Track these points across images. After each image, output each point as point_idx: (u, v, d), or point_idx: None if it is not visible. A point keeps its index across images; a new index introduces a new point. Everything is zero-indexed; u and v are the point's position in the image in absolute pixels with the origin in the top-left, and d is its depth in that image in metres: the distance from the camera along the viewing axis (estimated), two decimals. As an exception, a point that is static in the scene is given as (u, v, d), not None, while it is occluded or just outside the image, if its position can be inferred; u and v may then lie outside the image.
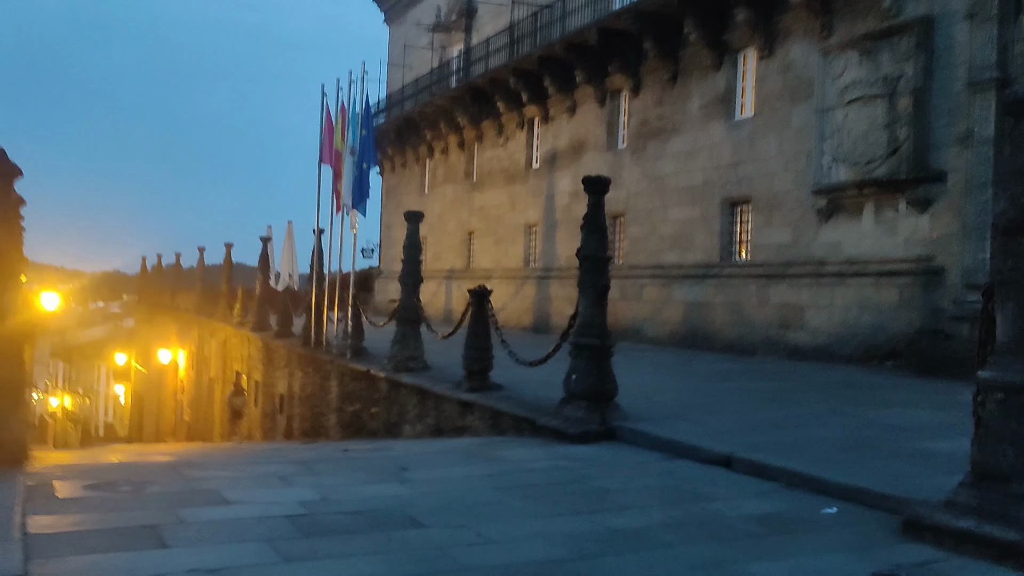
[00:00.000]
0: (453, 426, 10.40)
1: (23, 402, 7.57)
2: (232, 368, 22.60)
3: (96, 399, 52.17)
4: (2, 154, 6.18)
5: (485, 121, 26.63)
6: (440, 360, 13.08)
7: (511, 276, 25.03)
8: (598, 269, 8.39)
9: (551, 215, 23.49)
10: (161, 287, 35.49)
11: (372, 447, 8.84)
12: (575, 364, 8.32)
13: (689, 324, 18.11)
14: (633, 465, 6.95)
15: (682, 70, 18.86)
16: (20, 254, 11.85)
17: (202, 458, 7.53)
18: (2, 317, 6.08)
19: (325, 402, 15.14)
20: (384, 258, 35.04)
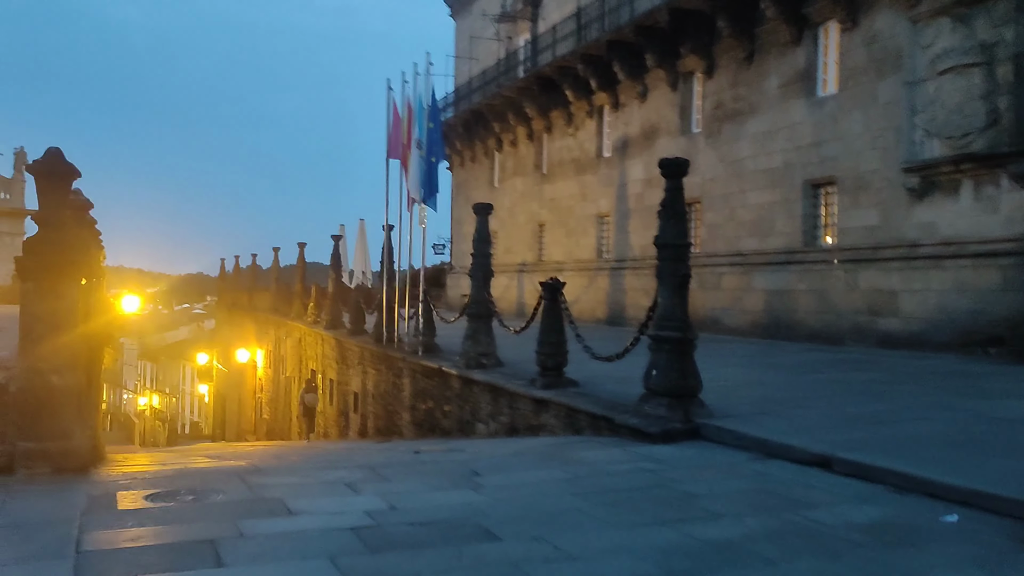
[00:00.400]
0: (527, 424, 10.02)
1: (90, 408, 7.48)
2: (307, 367, 22.72)
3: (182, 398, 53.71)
4: (59, 155, 6.04)
5: (554, 111, 26.15)
6: (513, 356, 12.73)
7: (583, 268, 24.54)
8: (678, 257, 7.90)
9: (623, 204, 22.90)
10: (239, 288, 36.14)
11: (444, 448, 8.53)
12: (655, 358, 7.84)
13: (771, 313, 17.34)
14: (721, 467, 6.45)
15: (759, 48, 18.05)
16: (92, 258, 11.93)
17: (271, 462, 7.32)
18: (59, 325, 5.93)
19: (398, 400, 14.96)
20: (455, 253, 34.93)
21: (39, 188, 6.01)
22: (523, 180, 28.77)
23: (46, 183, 6.00)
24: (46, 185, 6.00)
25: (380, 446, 12.28)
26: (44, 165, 5.98)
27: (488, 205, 12.58)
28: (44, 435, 5.83)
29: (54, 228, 6.02)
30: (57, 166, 6.01)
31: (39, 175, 5.98)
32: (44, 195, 6.02)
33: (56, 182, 6.03)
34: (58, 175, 6.03)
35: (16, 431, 5.78)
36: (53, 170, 6.00)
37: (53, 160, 6.01)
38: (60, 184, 6.07)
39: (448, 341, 14.83)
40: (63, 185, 6.09)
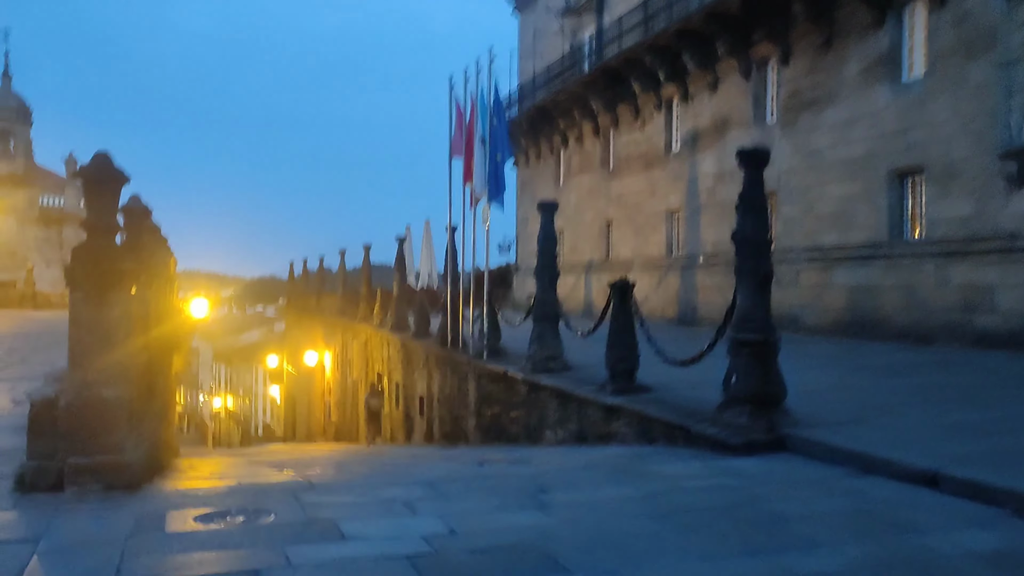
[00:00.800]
0: (598, 433, 9.54)
1: (150, 419, 7.29)
2: (374, 369, 22.62)
3: (255, 400, 54.65)
4: (107, 159, 5.82)
5: (620, 105, 25.54)
6: (581, 359, 12.25)
7: (653, 266, 23.87)
8: (758, 253, 7.33)
9: (694, 199, 22.16)
10: (307, 291, 36.46)
11: (510, 459, 8.12)
12: (735, 363, 7.29)
13: (854, 310, 16.45)
14: (812, 484, 5.87)
15: (837, 32, 17.16)
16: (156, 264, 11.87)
17: (330, 473, 7.02)
18: (109, 336, 5.70)
19: (463, 405, 14.62)
20: (521, 253, 34.56)
21: (86, 194, 5.80)
22: (589, 177, 28.21)
23: (94, 189, 5.78)
24: (94, 191, 5.78)
25: (444, 453, 11.95)
26: (92, 170, 5.76)
27: (553, 203, 12.14)
28: (94, 450, 5.61)
29: (103, 235, 5.80)
30: (105, 171, 5.79)
31: (87, 181, 5.76)
32: (92, 201, 5.80)
33: (104, 187, 5.81)
34: (106, 180, 5.81)
35: (66, 446, 5.57)
36: (101, 175, 5.78)
37: (101, 165, 5.79)
38: (108, 189, 5.84)
39: (514, 343, 14.43)
40: (112, 190, 5.86)
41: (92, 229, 5.77)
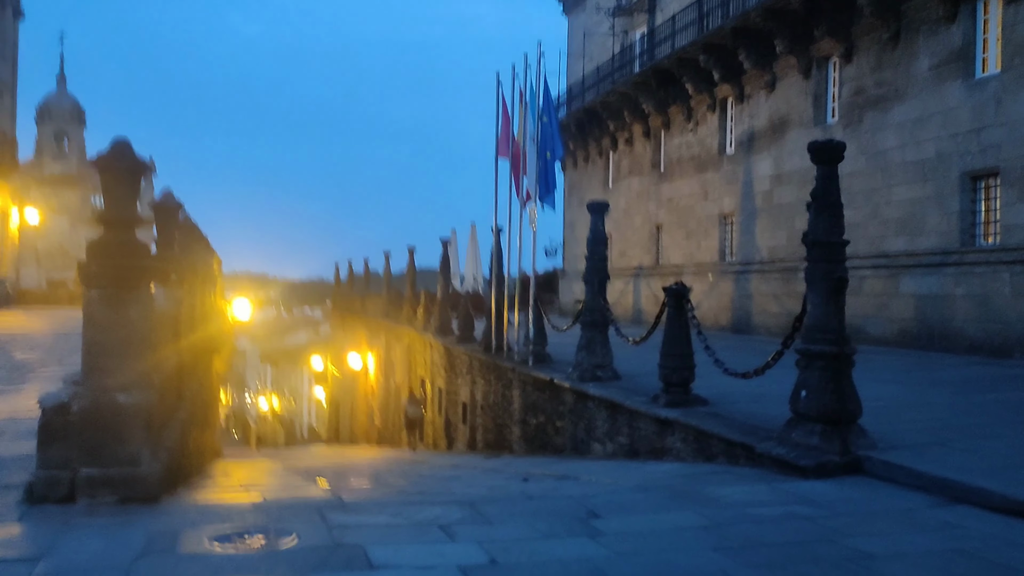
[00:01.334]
0: (650, 447, 8.93)
1: (172, 426, 6.90)
2: (416, 374, 22.23)
3: (300, 401, 54.85)
4: (126, 147, 5.41)
5: (672, 106, 24.82)
6: (632, 368, 11.65)
7: (705, 271, 23.10)
8: (831, 257, 6.65)
9: (749, 203, 21.36)
10: (352, 293, 36.33)
11: (556, 474, 7.57)
12: (805, 377, 6.63)
13: (922, 321, 15.55)
14: (897, 515, 5.22)
15: (906, 27, 16.29)
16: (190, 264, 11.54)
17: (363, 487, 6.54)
18: (127, 337, 5.28)
19: (507, 413, 14.09)
20: (568, 257, 33.95)
21: (104, 184, 5.39)
22: (639, 180, 27.51)
23: (112, 178, 5.38)
24: (112, 181, 5.38)
25: (487, 464, 11.45)
26: (109, 159, 5.36)
27: (603, 203, 11.57)
28: (109, 460, 5.20)
29: (120, 228, 5.39)
30: (124, 160, 5.38)
31: (104, 170, 5.36)
32: (109, 191, 5.40)
33: (122, 177, 5.40)
34: (126, 170, 5.40)
35: (78, 456, 5.17)
36: (118, 164, 5.37)
37: (120, 153, 5.38)
38: (127, 179, 5.43)
39: (560, 350, 13.87)
40: (130, 180, 5.45)
41: (109, 222, 5.37)
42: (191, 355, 10.26)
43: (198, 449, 12.73)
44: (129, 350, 5.32)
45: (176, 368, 7.99)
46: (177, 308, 8.28)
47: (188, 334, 10.38)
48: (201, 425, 13.32)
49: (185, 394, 8.54)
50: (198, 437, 12.59)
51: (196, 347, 11.10)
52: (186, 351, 9.25)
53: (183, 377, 8.49)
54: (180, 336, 8.44)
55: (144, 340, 5.41)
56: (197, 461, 10.99)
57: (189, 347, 10.19)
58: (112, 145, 5.40)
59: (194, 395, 9.99)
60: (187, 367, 9.57)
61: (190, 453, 9.21)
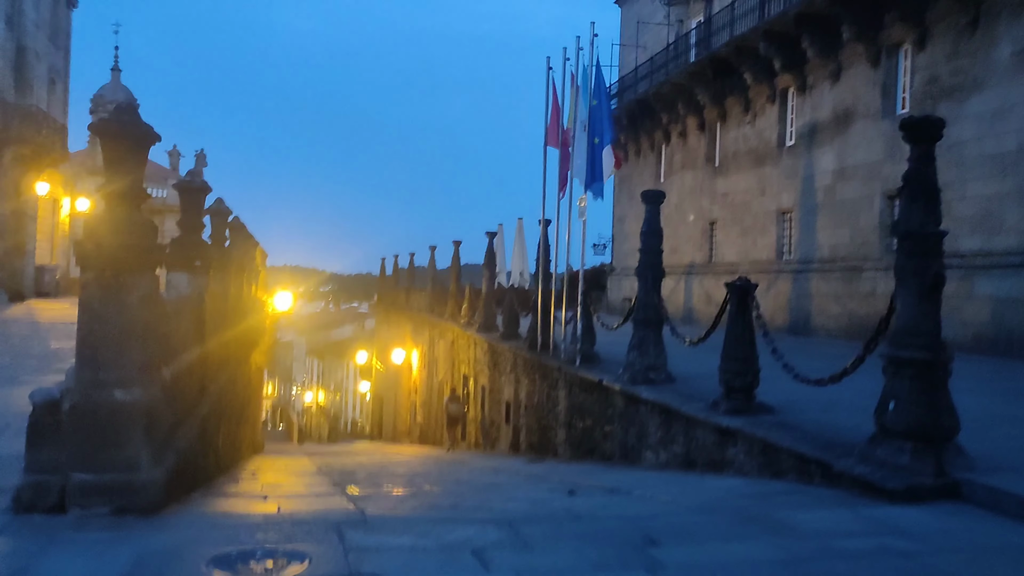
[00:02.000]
0: (708, 458, 8.16)
1: (187, 426, 6.33)
2: (459, 371, 21.63)
3: (345, 395, 54.81)
4: (132, 112, 4.84)
5: (729, 97, 23.83)
6: (687, 370, 10.85)
7: (760, 270, 22.09)
8: (927, 250, 5.83)
9: (809, 199, 20.32)
10: (397, 287, 35.92)
11: (605, 487, 6.85)
12: (894, 386, 5.83)
13: (1000, 325, 14.45)
14: (1011, 552, 4.43)
15: (985, 11, 15.16)
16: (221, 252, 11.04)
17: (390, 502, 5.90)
18: (126, 325, 4.70)
19: (552, 414, 13.39)
20: (616, 253, 33.09)
21: (105, 153, 4.83)
22: (692, 174, 26.55)
23: (114, 147, 4.80)
24: (114, 149, 4.81)
25: (530, 471, 10.75)
26: (112, 125, 4.79)
27: (659, 192, 10.78)
28: (103, 465, 4.63)
29: (123, 204, 4.82)
30: (130, 126, 4.81)
31: (106, 137, 4.79)
32: (112, 163, 4.83)
33: (127, 146, 4.82)
34: (131, 137, 4.82)
35: (70, 459, 4.61)
36: (124, 131, 4.80)
37: (124, 118, 4.81)
38: (132, 149, 4.85)
39: (609, 350, 13.12)
40: (135, 149, 4.87)
41: (111, 197, 4.80)
42: (222, 347, 9.75)
43: (231, 445, 12.26)
44: (129, 341, 4.74)
45: (199, 361, 7.46)
46: (201, 296, 7.74)
47: (219, 325, 9.88)
48: (235, 420, 12.85)
49: (210, 388, 8.00)
50: (232, 432, 12.12)
51: (229, 338, 10.60)
52: (214, 342, 8.73)
53: (208, 370, 7.95)
54: (206, 326, 7.90)
55: (147, 330, 4.83)
56: (228, 458, 10.50)
57: (219, 338, 9.68)
58: (116, 110, 4.84)
59: (224, 389, 9.48)
60: (216, 359, 9.06)
61: (216, 451, 8.69)
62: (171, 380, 5.77)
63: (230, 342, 11.12)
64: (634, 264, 10.75)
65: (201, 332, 7.72)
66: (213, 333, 8.93)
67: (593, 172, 12.29)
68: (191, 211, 7.81)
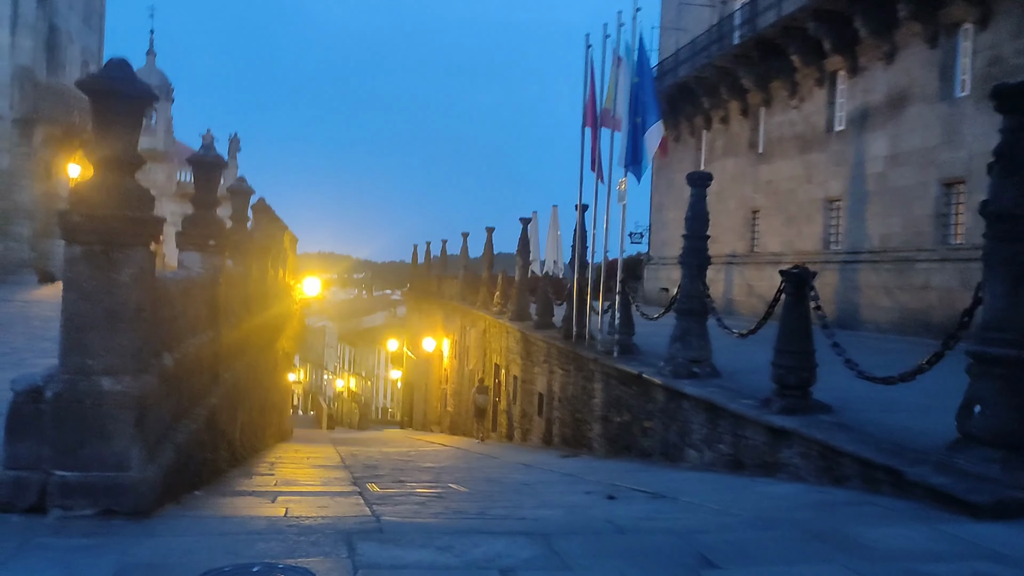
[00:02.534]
0: (759, 460, 7.52)
1: (191, 417, 5.84)
2: (491, 360, 21.10)
3: (376, 382, 54.66)
4: (124, 68, 4.31)
5: (775, 80, 22.92)
6: (732, 364, 10.21)
7: (805, 260, 21.21)
8: (1021, 233, 5.13)
9: (859, 186, 19.42)
10: (429, 275, 35.49)
11: (648, 491, 6.25)
12: (979, 388, 5.16)
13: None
14: None
15: (1056, -15, 14.21)
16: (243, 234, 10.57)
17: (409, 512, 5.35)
18: (117, 307, 4.20)
19: (588, 407, 12.79)
20: (654, 243, 32.29)
21: (94, 115, 4.31)
22: (734, 161, 25.68)
23: (105, 107, 4.28)
24: (105, 110, 4.29)
25: (564, 467, 10.18)
26: (104, 82, 4.27)
27: (706, 174, 10.15)
28: (88, 462, 4.14)
29: (116, 171, 4.30)
30: (121, 83, 4.28)
31: (96, 96, 4.27)
32: (103, 125, 4.31)
33: (120, 106, 4.30)
34: (123, 97, 4.30)
35: (52, 454, 4.12)
36: (116, 90, 4.27)
37: (115, 75, 4.28)
38: (126, 109, 4.33)
39: (647, 341, 12.49)
40: (129, 111, 4.35)
41: (102, 163, 4.28)
42: (241, 331, 9.29)
43: (253, 434, 11.83)
44: (120, 324, 4.23)
45: (211, 346, 6.97)
46: (215, 277, 7.26)
47: (238, 308, 9.41)
48: (257, 408, 12.43)
49: (224, 376, 7.52)
50: (253, 421, 11.69)
51: (251, 323, 10.13)
52: (230, 326, 8.25)
53: (222, 356, 7.47)
54: (220, 310, 7.42)
55: (141, 311, 4.31)
56: (247, 448, 10.06)
57: (238, 322, 9.22)
58: (106, 66, 4.31)
59: (241, 376, 9.02)
60: (233, 345, 8.60)
61: (231, 442, 8.23)
62: (174, 367, 5.27)
63: (252, 327, 10.67)
64: (672, 253, 10.18)
65: (214, 315, 7.23)
66: (230, 317, 8.45)
67: (634, 153, 11.64)
68: (205, 187, 7.31)
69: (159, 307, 4.97)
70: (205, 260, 7.21)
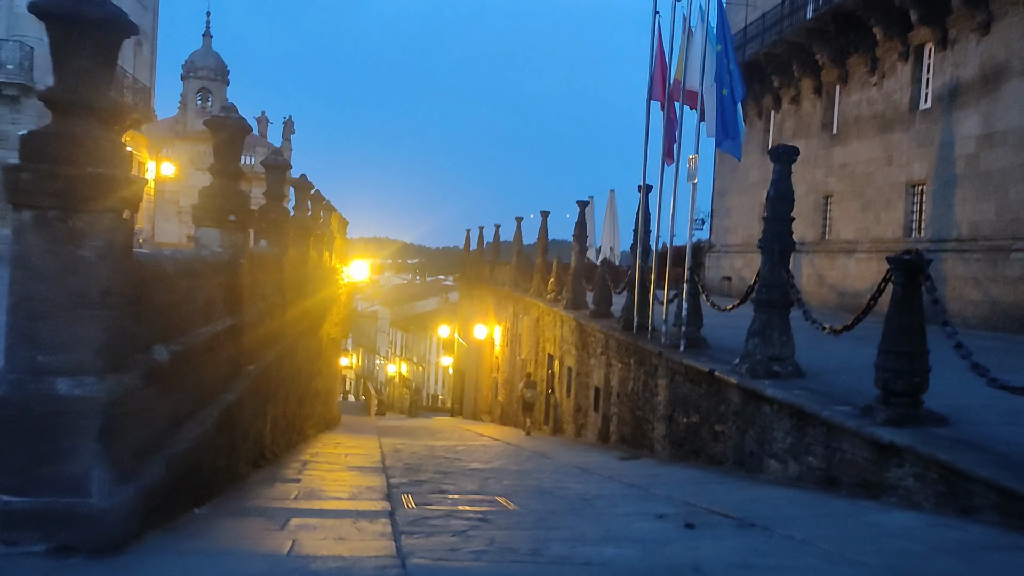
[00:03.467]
0: (859, 479, 6.42)
1: (199, 419, 4.99)
2: (544, 350, 20.12)
3: (427, 368, 54.18)
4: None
5: (853, 56, 21.38)
6: (816, 362, 9.09)
7: (883, 249, 19.73)
8: None
9: (946, 169, 17.89)
10: (481, 261, 34.63)
11: (733, 519, 5.21)
12: None
13: None
14: None
15: None
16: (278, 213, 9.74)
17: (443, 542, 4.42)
18: (80, 288, 3.34)
19: (650, 405, 11.74)
20: (716, 229, 30.87)
21: (51, 46, 3.43)
22: (806, 143, 24.15)
23: (63, 35, 3.40)
24: (63, 39, 3.40)
25: (624, 471, 9.16)
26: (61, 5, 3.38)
27: (792, 148, 8.99)
28: (40, 485, 3.29)
29: (74, 117, 3.42)
30: (85, 5, 3.39)
31: (51, 20, 3.39)
32: (61, 58, 3.44)
33: (81, 34, 3.41)
34: (87, 23, 3.40)
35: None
36: (77, 13, 3.38)
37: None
38: (90, 39, 3.44)
39: (716, 334, 11.41)
40: (96, 42, 3.45)
41: (59, 105, 3.40)
42: (274, 318, 8.47)
43: (290, 426, 11.05)
44: (81, 310, 3.36)
45: (231, 335, 6.13)
46: (236, 257, 6.40)
47: (270, 292, 8.59)
48: (296, 399, 11.66)
49: (247, 369, 6.68)
50: (290, 412, 10.90)
51: (286, 309, 9.32)
52: (258, 313, 7.42)
53: (245, 346, 6.63)
54: (243, 294, 6.57)
55: (108, 295, 3.43)
56: (281, 443, 9.27)
57: (271, 309, 8.40)
58: (69, -15, 3.42)
59: (271, 367, 8.20)
60: (264, 333, 7.78)
61: (257, 440, 7.41)
62: (172, 362, 4.41)
63: (290, 313, 9.86)
64: (735, 241, 9.26)
65: (235, 301, 6.39)
66: (257, 302, 7.62)
67: (724, 128, 10.54)
68: (226, 155, 6.45)
69: (148, 290, 4.11)
70: (224, 238, 6.37)
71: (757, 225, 28.39)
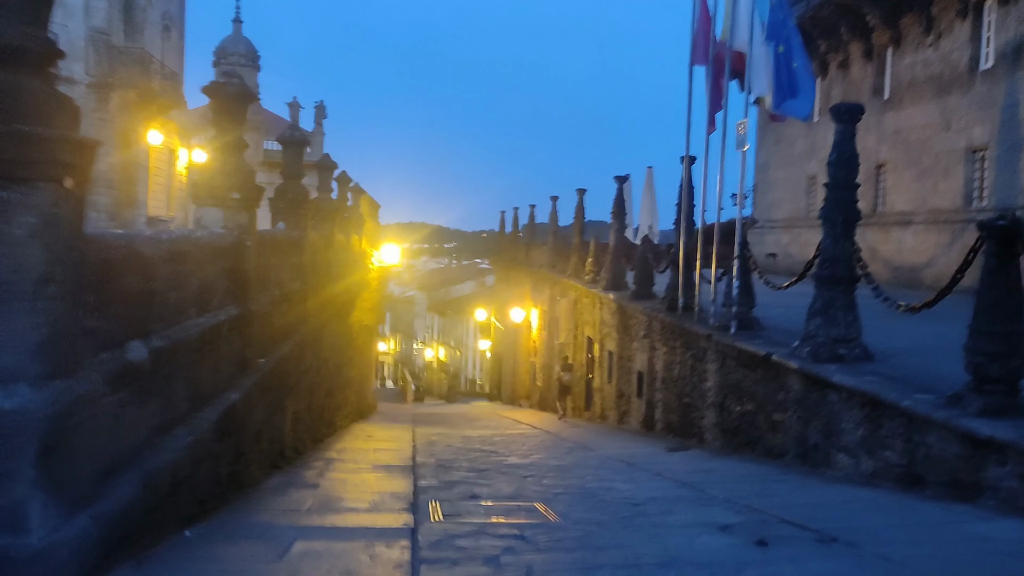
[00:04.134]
0: (950, 478, 5.61)
1: (188, 427, 4.35)
2: (583, 333, 19.37)
3: (464, 352, 53.72)
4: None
5: (907, 15, 20.17)
6: (884, 343, 8.21)
7: (942, 220, 18.65)
8: None
9: (1011, 133, 16.72)
10: (516, 243, 33.88)
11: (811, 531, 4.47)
12: None
13: None
14: None
15: None
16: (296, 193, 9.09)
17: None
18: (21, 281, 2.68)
19: (698, 392, 10.96)
20: (759, 204, 29.75)
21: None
22: (854, 111, 23.03)
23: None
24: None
25: (674, 464, 8.44)
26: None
27: (857, 106, 8.14)
28: (-35, 520, 2.65)
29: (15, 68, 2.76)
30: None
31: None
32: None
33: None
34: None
35: (-88, 507, 2.64)
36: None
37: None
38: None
39: (769, 314, 10.57)
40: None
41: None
42: (292, 306, 7.85)
43: (318, 417, 10.47)
44: (12, 302, 2.71)
45: (236, 326, 5.51)
46: (240, 238, 5.76)
47: (285, 278, 7.97)
48: (323, 390, 11.09)
49: (255, 363, 6.06)
50: (317, 404, 10.32)
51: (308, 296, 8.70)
52: (271, 301, 6.80)
53: (253, 338, 6.01)
54: (249, 280, 5.94)
55: (48, 282, 2.78)
56: (306, 438, 8.69)
57: (287, 296, 7.78)
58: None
59: (292, 359, 7.59)
60: (280, 323, 7.16)
61: (274, 439, 6.81)
62: (153, 360, 3.77)
63: (314, 300, 9.25)
64: (780, 215, 8.46)
65: (240, 287, 5.76)
66: (270, 289, 7.00)
67: (783, 89, 9.68)
68: (228, 124, 5.81)
69: (116, 276, 3.46)
70: (228, 217, 5.74)
71: (804, 199, 27.24)
